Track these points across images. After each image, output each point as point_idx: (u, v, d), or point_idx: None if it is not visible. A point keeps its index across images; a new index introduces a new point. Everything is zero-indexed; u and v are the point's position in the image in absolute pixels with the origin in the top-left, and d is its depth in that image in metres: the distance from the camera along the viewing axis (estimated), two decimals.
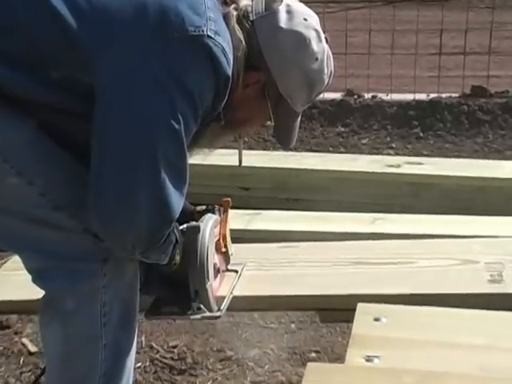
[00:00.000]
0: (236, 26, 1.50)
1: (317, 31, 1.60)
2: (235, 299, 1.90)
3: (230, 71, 1.43)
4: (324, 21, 1.82)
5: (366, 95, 4.93)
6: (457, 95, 4.85)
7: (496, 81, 5.15)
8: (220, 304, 1.84)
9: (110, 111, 1.36)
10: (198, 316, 1.78)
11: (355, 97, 4.94)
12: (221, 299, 1.85)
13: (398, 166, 3.53)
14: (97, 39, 1.35)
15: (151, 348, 2.33)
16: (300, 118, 1.70)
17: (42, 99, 1.38)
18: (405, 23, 5.69)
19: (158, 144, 1.37)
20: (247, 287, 1.98)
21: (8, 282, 2.23)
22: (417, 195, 3.39)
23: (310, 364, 1.56)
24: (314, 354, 2.27)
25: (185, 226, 1.74)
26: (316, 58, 1.59)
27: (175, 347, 2.33)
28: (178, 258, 1.63)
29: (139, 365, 2.21)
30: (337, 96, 4.89)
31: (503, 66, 5.85)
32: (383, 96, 4.92)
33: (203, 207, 1.89)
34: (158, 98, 1.35)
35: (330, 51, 1.65)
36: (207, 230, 1.78)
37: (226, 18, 1.49)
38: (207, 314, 1.78)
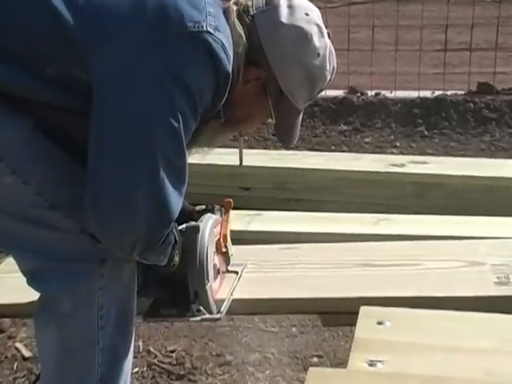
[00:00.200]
0: (236, 21, 1.51)
1: (319, 26, 1.61)
2: (234, 302, 1.90)
3: (230, 68, 1.44)
4: (326, 16, 1.83)
5: (370, 93, 4.94)
6: (462, 92, 4.85)
7: (503, 77, 5.16)
8: (220, 306, 1.84)
9: (107, 106, 1.37)
10: (198, 318, 1.78)
11: (358, 94, 4.94)
12: (220, 302, 1.85)
13: (402, 166, 3.53)
14: (94, 35, 1.36)
15: (149, 352, 2.34)
16: (301, 116, 1.71)
17: (41, 97, 1.39)
18: (409, 18, 5.70)
19: (156, 140, 1.38)
20: (247, 290, 1.98)
21: (1, 285, 2.23)
22: (421, 195, 3.39)
23: (312, 369, 1.56)
24: (315, 359, 2.28)
25: (184, 226, 1.75)
26: (318, 54, 1.60)
27: (173, 352, 2.34)
28: (177, 258, 1.64)
29: (136, 370, 2.22)
30: (339, 93, 4.90)
31: (510, 63, 5.87)
32: (387, 93, 4.93)
33: (202, 207, 1.90)
34: (156, 94, 1.36)
35: (332, 47, 1.66)
36: (207, 229, 1.79)
37: (226, 13, 1.50)
38: (207, 316, 1.79)
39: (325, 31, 1.63)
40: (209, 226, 1.80)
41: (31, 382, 2.16)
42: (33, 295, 1.54)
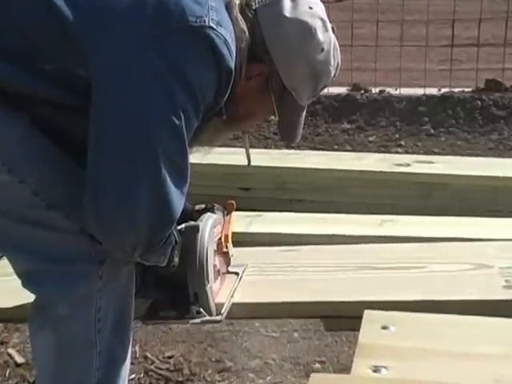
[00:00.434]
0: (239, 16, 1.52)
1: (323, 20, 1.62)
2: (234, 306, 1.90)
3: (232, 64, 1.45)
4: (329, 11, 1.84)
5: (374, 90, 4.95)
6: (470, 89, 4.87)
7: (511, 74, 5.17)
8: (220, 308, 1.84)
9: (105, 96, 1.37)
10: (198, 320, 1.79)
11: (362, 91, 4.96)
12: (220, 306, 1.86)
13: (408, 165, 3.53)
14: (92, 27, 1.37)
15: (146, 358, 2.34)
16: (305, 113, 1.72)
17: (41, 95, 1.40)
18: (414, 13, 5.72)
19: (155, 135, 1.39)
20: (247, 293, 1.98)
21: None
22: (427, 196, 3.39)
23: (314, 375, 1.56)
24: (318, 365, 2.29)
25: (183, 225, 1.75)
26: (322, 49, 1.61)
27: (171, 357, 2.34)
28: (177, 259, 1.64)
29: (133, 376, 2.23)
30: (342, 91, 4.91)
31: None
32: (391, 91, 4.94)
33: (202, 206, 1.91)
34: (155, 89, 1.37)
35: (336, 41, 1.67)
36: (206, 229, 1.79)
37: (229, 8, 1.51)
38: (207, 317, 1.79)
39: (329, 25, 1.64)
40: (209, 225, 1.81)
41: None
42: (26, 298, 1.54)
